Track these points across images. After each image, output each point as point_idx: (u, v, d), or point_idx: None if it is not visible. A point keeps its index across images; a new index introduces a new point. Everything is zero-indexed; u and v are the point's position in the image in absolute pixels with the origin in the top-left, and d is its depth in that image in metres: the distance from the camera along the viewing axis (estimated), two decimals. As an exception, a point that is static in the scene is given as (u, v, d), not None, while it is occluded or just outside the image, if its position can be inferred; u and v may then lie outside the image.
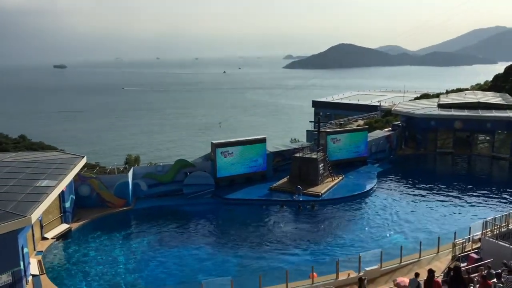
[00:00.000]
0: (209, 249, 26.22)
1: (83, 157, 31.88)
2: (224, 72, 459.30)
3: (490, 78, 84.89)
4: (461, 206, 33.25)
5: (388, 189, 37.58)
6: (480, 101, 52.75)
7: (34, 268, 22.29)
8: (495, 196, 35.32)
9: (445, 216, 31.18)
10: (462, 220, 29.80)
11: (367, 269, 20.77)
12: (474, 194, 35.93)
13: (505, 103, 52.27)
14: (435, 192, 36.58)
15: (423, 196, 35.67)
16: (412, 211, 32.23)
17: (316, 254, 25.25)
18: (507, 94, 59.73)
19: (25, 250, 21.23)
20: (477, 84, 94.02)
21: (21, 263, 20.14)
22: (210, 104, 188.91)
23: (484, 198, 34.81)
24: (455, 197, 35.27)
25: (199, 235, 28.41)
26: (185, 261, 24.72)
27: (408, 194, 36.26)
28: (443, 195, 35.70)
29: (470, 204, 33.57)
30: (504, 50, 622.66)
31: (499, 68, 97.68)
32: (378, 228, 29.10)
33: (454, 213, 31.78)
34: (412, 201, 34.48)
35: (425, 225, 29.39)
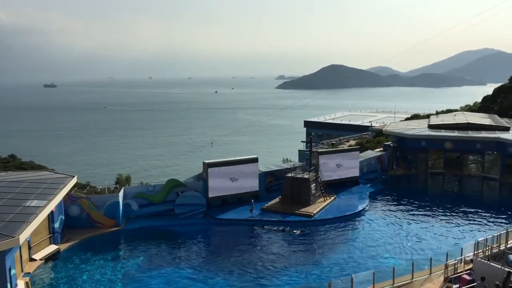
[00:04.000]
0: (200, 271, 25.84)
1: (73, 176, 31.60)
2: (216, 92, 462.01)
3: (479, 99, 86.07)
4: (453, 226, 33.26)
5: (380, 209, 37.56)
6: (470, 122, 53.33)
7: (21, 290, 21.85)
8: (486, 216, 35.39)
9: (436, 236, 31.12)
10: (454, 241, 29.81)
11: (359, 290, 20.59)
12: (466, 214, 36.01)
13: (494, 124, 52.88)
14: (427, 212, 36.62)
15: (415, 216, 35.66)
16: (403, 231, 32.13)
17: (308, 276, 24.99)
18: (496, 115, 60.50)
19: (13, 271, 20.85)
20: (466, 105, 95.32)
21: (8, 285, 19.78)
22: (202, 123, 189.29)
23: (475, 219, 34.87)
24: (446, 217, 35.32)
25: (190, 257, 28.03)
26: (175, 283, 24.34)
27: (400, 214, 36.23)
28: (435, 216, 35.74)
29: (461, 225, 33.59)
30: (493, 71, 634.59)
31: (488, 89, 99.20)
32: (371, 248, 28.96)
33: (446, 233, 31.72)
34: (404, 221, 34.40)
35: (417, 246, 29.28)
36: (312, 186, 37.48)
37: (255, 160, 38.87)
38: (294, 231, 31.99)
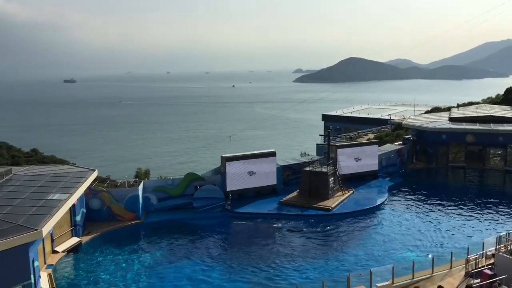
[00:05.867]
0: (218, 265, 26.00)
1: (94, 170, 32.03)
2: (233, 86, 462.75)
3: (502, 92, 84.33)
4: (474, 221, 32.77)
5: (399, 203, 37.23)
6: (492, 114, 52.36)
7: (44, 282, 22.31)
8: (508, 211, 34.78)
9: (457, 231, 30.73)
10: (475, 235, 29.38)
11: (378, 285, 20.49)
12: (487, 208, 35.43)
13: (517, 116, 51.77)
14: (447, 206, 36.13)
15: (435, 210, 35.25)
16: (423, 225, 31.81)
17: (327, 270, 24.96)
18: (519, 108, 59.22)
19: (36, 263, 21.26)
20: (488, 98, 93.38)
21: (32, 276, 20.16)
22: (220, 117, 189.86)
23: (497, 213, 34.30)
24: (467, 211, 34.82)
25: (208, 250, 28.19)
26: (194, 276, 24.54)
27: (420, 208, 35.86)
28: (455, 210, 35.25)
29: (483, 219, 33.08)
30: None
31: (511, 81, 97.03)
32: (390, 243, 28.75)
33: (467, 228, 31.31)
34: (424, 215, 34.05)
35: (437, 240, 28.98)
36: (330, 179, 37.31)
37: (273, 154, 38.84)
38: (293, 229, 31.41)
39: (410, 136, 52.47)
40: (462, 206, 36.07)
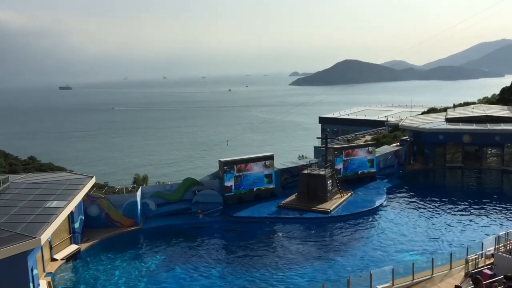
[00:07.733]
0: (218, 270, 25.92)
1: (92, 177, 31.96)
2: (230, 90, 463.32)
3: (497, 91, 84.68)
4: (472, 221, 32.80)
5: (398, 204, 37.22)
6: (488, 114, 52.51)
7: (43, 290, 22.23)
8: (506, 210, 34.85)
9: (456, 231, 30.75)
10: (474, 236, 29.40)
11: (378, 287, 20.49)
12: (485, 208, 35.48)
13: (513, 116, 51.95)
14: (446, 207, 36.18)
15: (433, 211, 35.28)
16: (422, 226, 31.83)
17: (326, 272, 24.93)
18: (515, 107, 59.40)
19: (35, 271, 21.21)
20: (484, 98, 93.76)
21: (31, 284, 20.12)
22: (217, 122, 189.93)
23: (495, 213, 34.36)
24: (465, 212, 34.87)
25: (208, 255, 28.09)
26: (195, 281, 24.48)
27: (418, 209, 35.88)
28: (454, 210, 35.30)
29: (481, 219, 33.12)
30: (511, 63, 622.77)
31: (506, 81, 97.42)
32: (389, 244, 28.74)
33: (466, 228, 31.34)
34: (422, 216, 34.08)
35: (436, 241, 29.01)
36: (328, 182, 37.33)
37: (270, 158, 38.85)
38: (291, 233, 31.27)
39: (407, 137, 52.57)
40: (460, 206, 36.13)
